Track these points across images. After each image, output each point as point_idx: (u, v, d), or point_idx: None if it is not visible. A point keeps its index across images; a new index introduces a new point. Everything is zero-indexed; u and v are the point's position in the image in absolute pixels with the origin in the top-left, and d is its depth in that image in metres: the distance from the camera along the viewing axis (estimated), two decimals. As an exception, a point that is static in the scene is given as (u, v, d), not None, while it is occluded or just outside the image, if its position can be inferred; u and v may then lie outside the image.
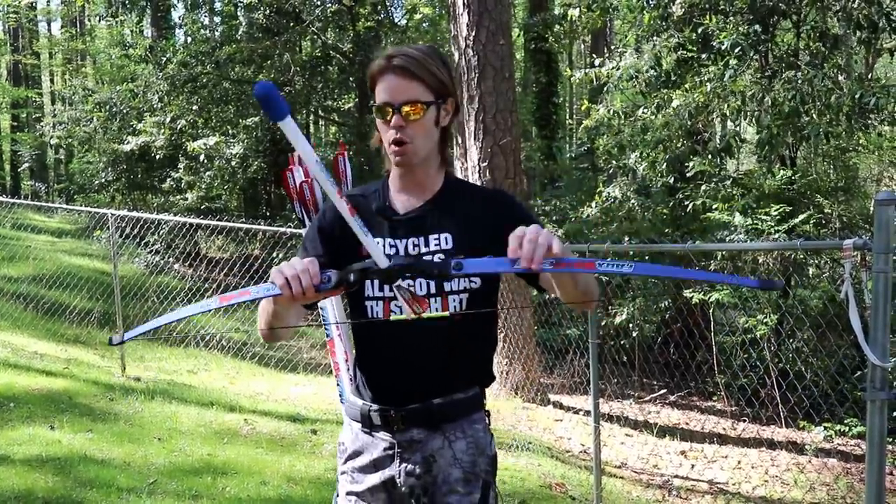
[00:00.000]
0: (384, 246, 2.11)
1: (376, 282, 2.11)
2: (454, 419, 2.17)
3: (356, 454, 2.23)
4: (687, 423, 8.20)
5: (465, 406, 2.19)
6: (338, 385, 3.15)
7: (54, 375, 7.42)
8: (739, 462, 6.78)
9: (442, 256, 2.09)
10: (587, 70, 10.91)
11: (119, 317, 8.39)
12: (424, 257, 2.10)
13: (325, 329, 3.19)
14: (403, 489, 2.16)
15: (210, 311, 1.82)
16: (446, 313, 2.08)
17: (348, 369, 3.14)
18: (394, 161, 2.13)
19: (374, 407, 2.18)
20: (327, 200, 2.24)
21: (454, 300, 2.10)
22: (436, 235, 2.13)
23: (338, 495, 2.29)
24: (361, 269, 1.85)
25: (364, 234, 1.84)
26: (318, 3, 17.98)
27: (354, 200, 2.15)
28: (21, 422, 5.96)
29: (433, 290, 2.10)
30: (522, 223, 1.84)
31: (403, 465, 2.16)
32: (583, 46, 25.10)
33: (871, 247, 3.13)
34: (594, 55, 14.79)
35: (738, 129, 9.55)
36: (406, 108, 2.06)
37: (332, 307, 3.06)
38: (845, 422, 7.26)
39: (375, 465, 2.19)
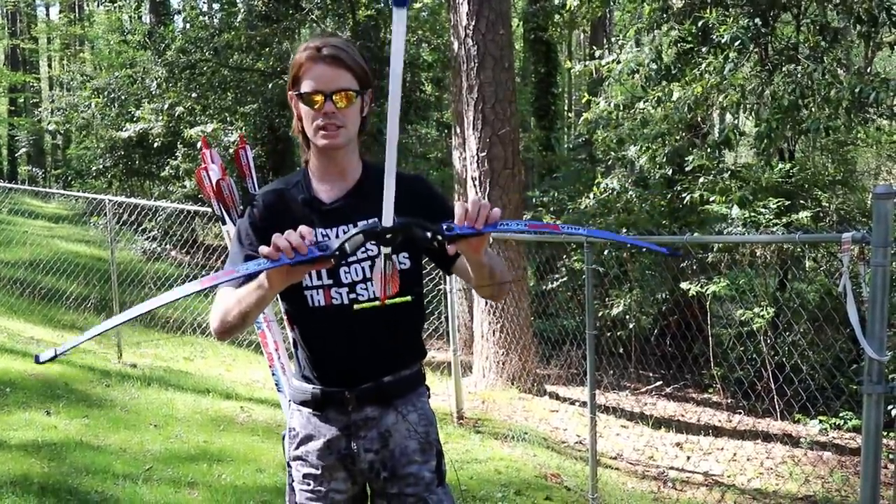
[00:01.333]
0: (316, 236, 2.08)
1: (314, 272, 2.14)
2: (404, 394, 2.28)
3: (309, 438, 2.29)
4: (683, 415, 8.21)
5: (412, 381, 2.31)
6: (273, 374, 3.21)
7: (50, 361, 7.40)
8: (735, 454, 6.80)
9: (373, 241, 2.07)
10: (587, 62, 10.90)
11: (116, 303, 8.38)
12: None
13: (256, 324, 3.24)
14: (363, 465, 2.25)
15: (191, 295, 1.81)
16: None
17: (279, 357, 3.21)
18: (321, 145, 2.16)
19: (326, 390, 2.24)
20: (256, 194, 2.31)
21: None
22: (363, 221, 2.05)
23: (292, 480, 2.34)
24: (366, 231, 1.85)
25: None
26: (318, -10, 17.92)
27: (279, 193, 2.25)
28: (17, 407, 5.96)
29: (368, 275, 2.18)
30: (443, 210, 2.10)
31: (360, 442, 2.24)
32: (582, 37, 25.06)
33: (869, 240, 3.13)
34: (594, 46, 14.79)
35: (736, 122, 9.54)
36: (337, 97, 2.12)
37: None
38: (840, 415, 7.28)
39: (330, 446, 2.25)
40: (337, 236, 2.17)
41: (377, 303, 2.01)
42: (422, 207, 2.11)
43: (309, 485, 2.29)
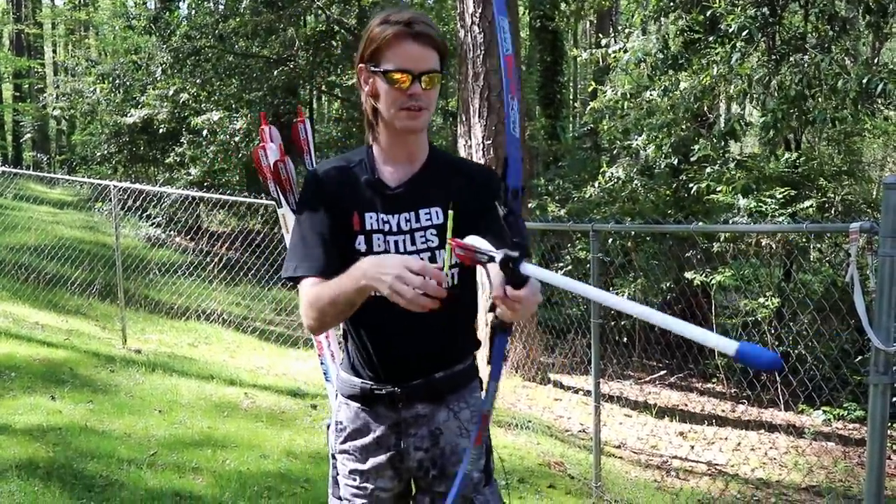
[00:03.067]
0: (377, 221, 2.08)
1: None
2: (456, 390, 2.19)
3: (357, 433, 2.19)
4: (686, 405, 8.21)
5: (465, 376, 2.21)
6: (322, 363, 3.11)
7: (55, 346, 7.43)
8: (738, 444, 6.80)
9: (433, 231, 2.07)
10: (593, 51, 10.87)
11: (120, 289, 8.39)
12: (416, 233, 2.08)
13: None
14: (412, 463, 2.16)
15: None
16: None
17: (328, 345, 3.11)
18: (400, 127, 2.05)
19: (377, 385, 2.15)
20: (315, 169, 2.18)
21: (450, 274, 2.08)
22: (426, 210, 2.09)
23: (337, 474, 2.25)
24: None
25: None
26: (324, -23, 17.87)
27: (341, 169, 2.14)
28: (22, 392, 5.97)
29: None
30: (496, 219, 1.86)
31: (411, 440, 2.15)
32: (588, 25, 24.98)
33: (877, 230, 3.12)
34: (600, 35, 14.74)
35: (742, 112, 9.51)
36: (425, 78, 2.00)
37: None
38: (845, 406, 7.28)
39: (379, 443, 2.17)
40: (398, 224, 2.08)
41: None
42: (476, 198, 2.05)
43: (355, 480, 2.20)
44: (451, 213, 1.83)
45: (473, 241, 1.81)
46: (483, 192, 2.07)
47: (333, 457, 2.26)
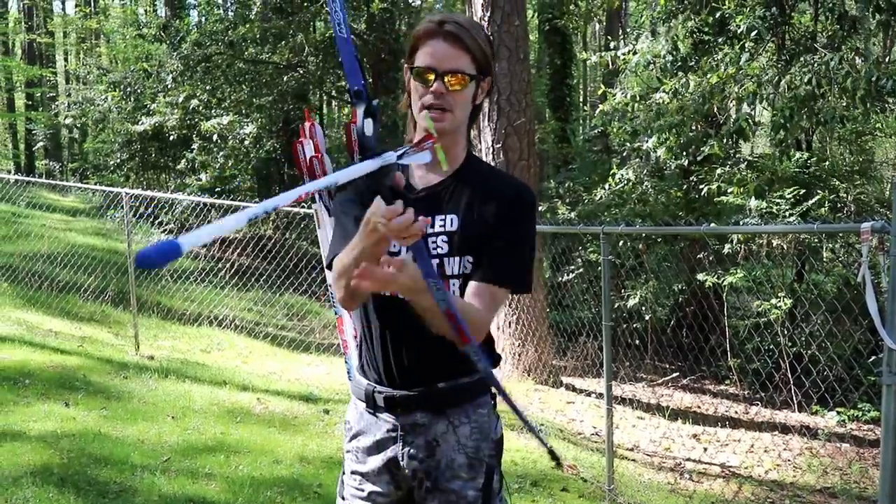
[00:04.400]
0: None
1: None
2: (459, 404, 2.14)
3: (360, 434, 2.20)
4: (699, 407, 8.19)
5: (471, 390, 2.15)
6: (346, 363, 3.12)
7: (69, 353, 7.46)
8: (752, 446, 6.77)
9: (444, 238, 2.05)
10: (602, 53, 10.86)
11: (133, 296, 8.42)
12: (429, 238, 2.05)
13: (334, 307, 3.15)
14: (406, 471, 2.13)
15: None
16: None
17: (357, 347, 3.11)
18: (424, 126, 2.04)
19: (379, 388, 2.14)
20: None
21: (452, 284, 2.07)
22: (441, 217, 2.07)
23: (343, 472, 2.26)
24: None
25: None
26: (333, -18, 17.88)
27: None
28: (36, 398, 6.00)
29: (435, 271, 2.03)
30: (511, 229, 1.96)
31: (406, 448, 2.13)
32: (598, 27, 24.97)
33: (889, 230, 3.11)
34: (609, 37, 14.74)
35: (752, 112, 9.48)
36: (449, 77, 2.00)
37: None
38: (859, 406, 7.24)
39: (378, 447, 2.16)
40: None
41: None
42: (498, 211, 2.05)
43: (355, 480, 2.21)
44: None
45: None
46: (508, 209, 2.07)
47: (344, 456, 2.28)
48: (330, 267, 2.09)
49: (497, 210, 2.05)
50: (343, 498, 2.25)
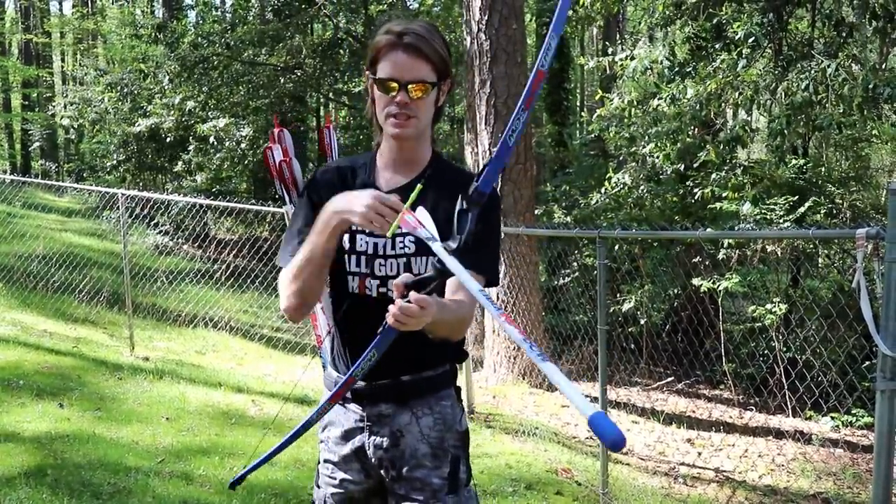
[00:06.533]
0: None
1: (355, 257, 2.18)
2: (422, 395, 2.24)
3: (331, 424, 2.32)
4: (694, 411, 8.19)
5: (434, 383, 2.26)
6: (321, 357, 3.19)
7: (63, 354, 7.45)
8: (746, 451, 6.78)
9: (412, 238, 2.15)
10: (600, 58, 10.88)
11: (128, 297, 8.41)
12: (397, 238, 2.16)
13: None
14: (373, 460, 2.25)
15: None
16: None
17: (329, 341, 3.20)
18: (391, 133, 2.15)
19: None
20: (317, 170, 2.31)
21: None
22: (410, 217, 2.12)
23: (318, 463, 2.39)
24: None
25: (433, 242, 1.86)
26: (331, -15, 17.93)
27: (340, 171, 2.24)
28: (30, 399, 6.00)
29: (402, 271, 2.15)
30: (480, 226, 1.96)
31: (372, 437, 2.24)
32: (595, 32, 25.00)
33: (884, 236, 3.12)
34: (606, 42, 14.76)
35: (749, 118, 9.50)
36: (412, 87, 2.08)
37: None
38: (853, 412, 7.25)
39: (347, 436, 2.28)
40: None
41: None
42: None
43: (328, 469, 2.33)
44: (419, 186, 1.94)
45: (422, 217, 1.93)
46: (476, 210, 2.07)
47: (319, 447, 2.39)
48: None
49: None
50: (318, 486, 2.38)
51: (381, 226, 1.87)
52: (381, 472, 2.26)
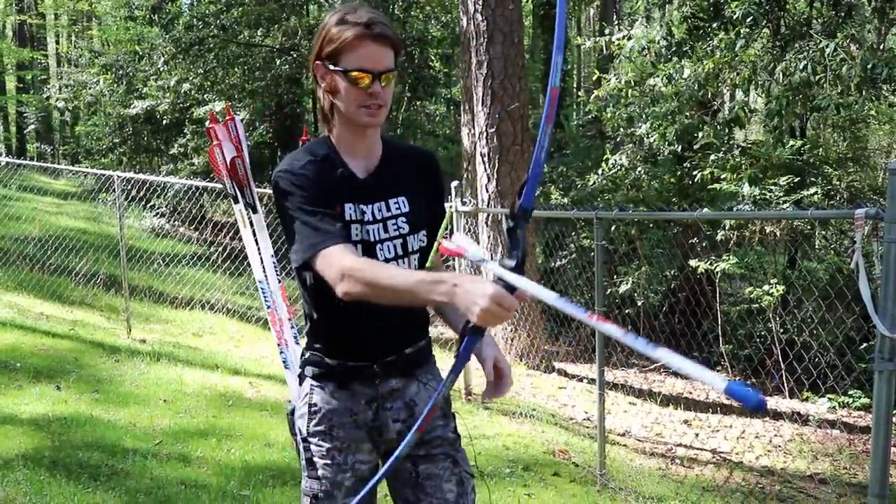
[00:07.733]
0: (355, 212, 2.18)
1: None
2: (423, 364, 2.36)
3: (333, 413, 2.29)
4: (691, 393, 8.21)
5: (426, 351, 2.39)
6: (281, 353, 3.15)
7: (60, 336, 7.44)
8: (743, 432, 6.80)
9: (403, 219, 2.23)
10: (597, 38, 10.83)
11: (125, 279, 8.39)
12: (388, 221, 2.22)
13: (266, 303, 3.19)
14: (392, 435, 2.28)
15: None
16: None
17: (285, 334, 3.15)
18: (364, 123, 2.15)
19: (351, 364, 2.27)
20: (290, 165, 2.21)
21: (414, 259, 2.27)
22: (395, 200, 2.23)
23: (311, 455, 2.29)
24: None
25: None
26: (326, -34, 17.83)
27: (315, 164, 2.18)
28: (27, 381, 5.99)
29: (400, 252, 2.23)
30: (439, 193, 2.36)
31: (388, 412, 2.28)
32: (592, 12, 24.88)
33: (882, 216, 3.11)
34: (603, 22, 14.68)
35: (747, 99, 9.46)
36: (384, 77, 2.11)
37: (273, 277, 3.09)
38: (849, 393, 7.26)
39: (356, 420, 2.28)
40: (372, 213, 2.20)
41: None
42: (427, 183, 2.31)
43: (334, 458, 2.28)
44: (448, 213, 2.11)
45: (462, 241, 1.93)
46: (432, 177, 2.34)
47: (305, 440, 2.34)
48: (309, 258, 2.07)
49: (428, 184, 2.32)
50: (319, 479, 2.29)
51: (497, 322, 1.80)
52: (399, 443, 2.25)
